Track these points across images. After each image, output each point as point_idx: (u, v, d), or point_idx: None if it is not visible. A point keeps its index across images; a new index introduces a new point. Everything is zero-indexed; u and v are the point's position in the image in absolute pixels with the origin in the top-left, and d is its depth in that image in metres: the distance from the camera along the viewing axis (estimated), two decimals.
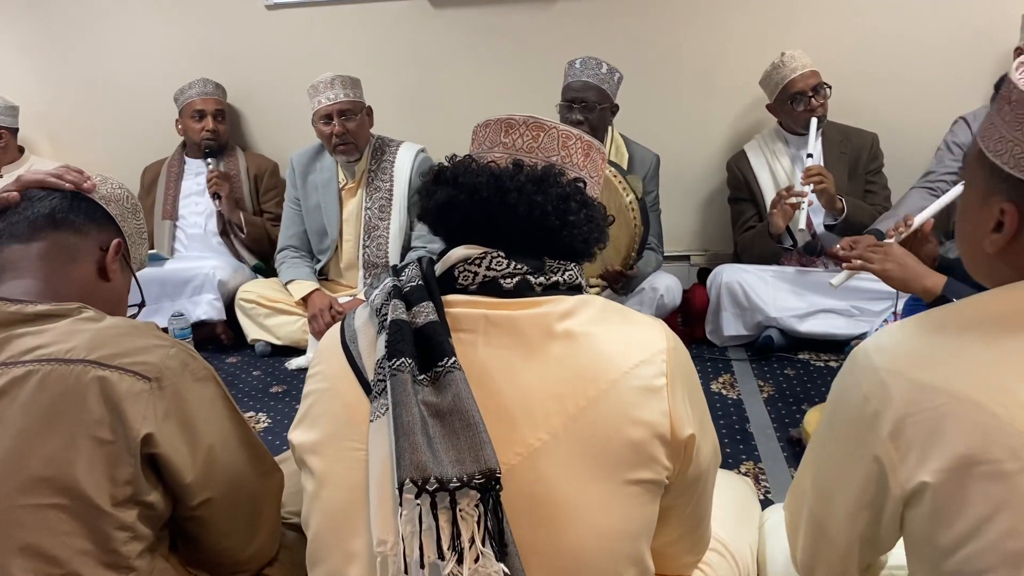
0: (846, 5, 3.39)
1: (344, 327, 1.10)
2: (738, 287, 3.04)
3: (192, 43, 3.89)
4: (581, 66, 3.05)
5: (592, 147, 1.13)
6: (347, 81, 3.21)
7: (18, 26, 3.99)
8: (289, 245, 3.42)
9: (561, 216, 1.04)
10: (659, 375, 0.96)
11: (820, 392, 2.67)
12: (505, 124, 1.11)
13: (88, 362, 1.05)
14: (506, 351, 0.97)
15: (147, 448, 1.06)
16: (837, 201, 3.02)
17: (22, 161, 3.84)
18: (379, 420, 0.95)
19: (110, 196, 1.34)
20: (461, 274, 1.03)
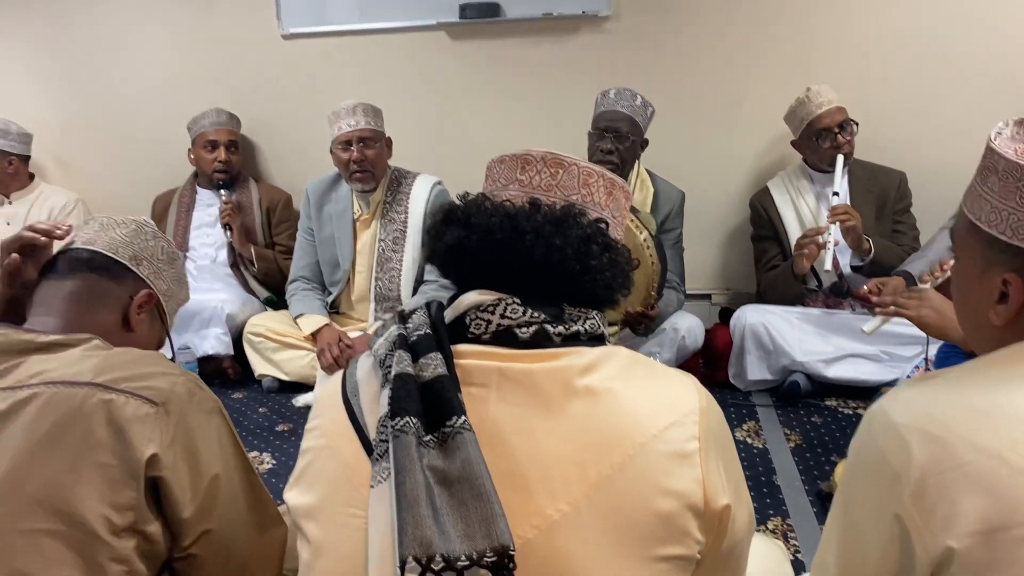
0: (872, 42, 3.32)
1: (345, 378, 1.01)
2: (763, 329, 2.94)
3: (207, 72, 3.86)
4: (616, 96, 2.98)
5: (615, 185, 1.05)
6: (369, 109, 3.16)
7: (33, 54, 3.99)
8: (301, 276, 3.35)
9: (582, 260, 0.95)
10: (691, 439, 0.87)
11: (850, 442, 2.55)
12: (522, 160, 1.03)
13: (94, 385, 1.04)
14: (521, 409, 0.88)
15: (151, 471, 1.02)
16: (864, 241, 2.93)
17: (32, 187, 3.82)
18: (380, 486, 0.85)
19: (142, 255, 1.32)
20: (473, 322, 0.94)
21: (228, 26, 3.79)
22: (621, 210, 1.07)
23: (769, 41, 3.40)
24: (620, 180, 1.07)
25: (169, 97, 3.87)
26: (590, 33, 3.53)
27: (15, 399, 1.03)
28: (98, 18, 3.89)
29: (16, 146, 3.71)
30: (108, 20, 3.88)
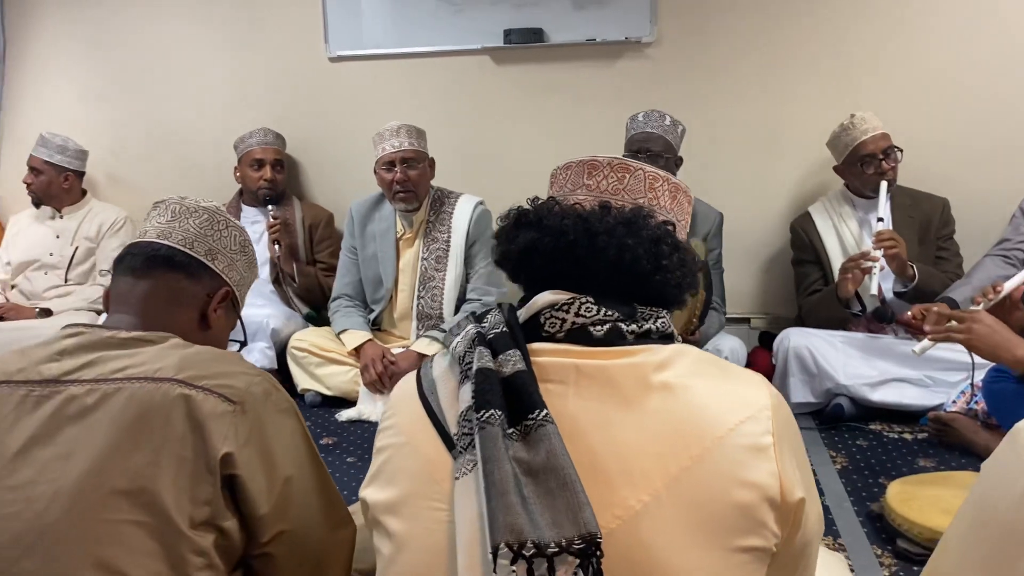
0: (915, 69, 3.35)
1: (421, 377, 1.03)
2: (806, 352, 2.93)
3: (255, 93, 3.94)
4: (644, 118, 3.03)
5: (679, 190, 1.09)
6: (412, 131, 3.21)
7: (91, 73, 4.10)
8: (344, 294, 3.39)
9: (654, 260, 0.98)
10: (766, 433, 0.88)
11: (896, 464, 2.54)
12: (588, 166, 1.07)
13: (175, 381, 1.06)
14: (599, 403, 0.90)
15: (226, 468, 1.04)
16: (908, 268, 2.93)
17: (83, 203, 3.90)
18: (466, 477, 0.87)
19: (216, 247, 1.33)
20: (547, 321, 0.97)
21: (277, 48, 3.88)
22: (685, 214, 1.10)
23: (812, 67, 3.44)
24: (684, 185, 1.11)
25: (218, 117, 3.95)
26: (632, 59, 3.59)
27: (102, 392, 1.05)
28: (151, 39, 4.00)
29: (72, 162, 3.80)
30: (161, 41, 3.99)
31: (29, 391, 1.07)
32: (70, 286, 3.73)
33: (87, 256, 3.79)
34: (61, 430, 1.04)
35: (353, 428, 2.99)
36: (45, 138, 3.75)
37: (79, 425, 1.04)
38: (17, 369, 1.09)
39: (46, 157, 3.73)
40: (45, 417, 1.05)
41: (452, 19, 3.70)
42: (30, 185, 3.77)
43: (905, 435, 2.77)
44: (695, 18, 3.51)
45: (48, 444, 1.03)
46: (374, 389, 3.09)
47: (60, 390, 1.06)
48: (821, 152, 3.32)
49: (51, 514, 0.99)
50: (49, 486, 1.01)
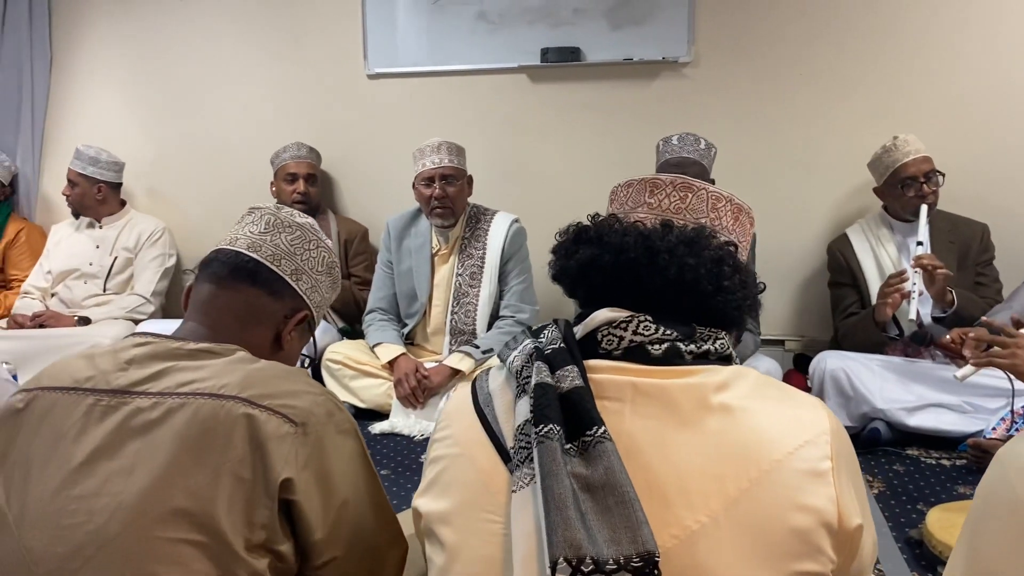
0: (956, 93, 3.34)
1: (476, 389, 1.03)
2: (843, 375, 2.91)
3: (294, 108, 4.00)
4: (679, 141, 3.03)
5: (742, 211, 1.09)
6: (453, 147, 3.25)
7: (131, 86, 4.19)
8: (378, 308, 3.42)
9: (715, 280, 0.97)
10: (824, 458, 0.87)
11: (935, 491, 2.51)
12: (650, 184, 1.08)
13: (239, 399, 1.04)
14: (656, 422, 0.90)
15: (285, 494, 1.03)
16: (947, 293, 2.90)
17: (122, 214, 3.95)
18: (523, 491, 0.88)
19: (303, 267, 1.31)
20: (605, 338, 0.97)
21: (317, 65, 3.94)
22: (747, 235, 1.10)
23: (851, 89, 3.43)
24: (747, 205, 1.10)
25: (257, 131, 4.01)
26: (669, 78, 3.60)
27: (167, 407, 1.05)
28: (193, 55, 4.08)
29: (105, 173, 3.86)
30: (203, 56, 4.07)
31: (97, 400, 1.07)
32: (108, 295, 3.79)
33: (126, 266, 3.85)
34: (125, 443, 1.04)
35: (386, 441, 3.01)
36: (80, 151, 3.82)
37: (143, 439, 1.03)
38: (86, 377, 1.09)
39: (80, 169, 3.80)
40: (111, 429, 1.04)
41: (489, 37, 3.74)
42: (68, 196, 3.84)
43: (943, 461, 2.74)
44: (732, 39, 3.52)
45: (112, 457, 1.03)
46: (407, 403, 3.11)
47: (127, 401, 1.06)
48: (859, 174, 3.31)
49: (111, 528, 0.99)
50: (111, 499, 1.00)
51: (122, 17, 4.13)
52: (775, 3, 3.47)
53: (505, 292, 3.31)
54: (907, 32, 3.36)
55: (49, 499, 1.02)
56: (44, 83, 4.25)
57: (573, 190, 3.71)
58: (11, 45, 4.16)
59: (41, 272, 3.86)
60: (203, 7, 4.04)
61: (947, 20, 3.32)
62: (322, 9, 3.90)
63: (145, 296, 3.78)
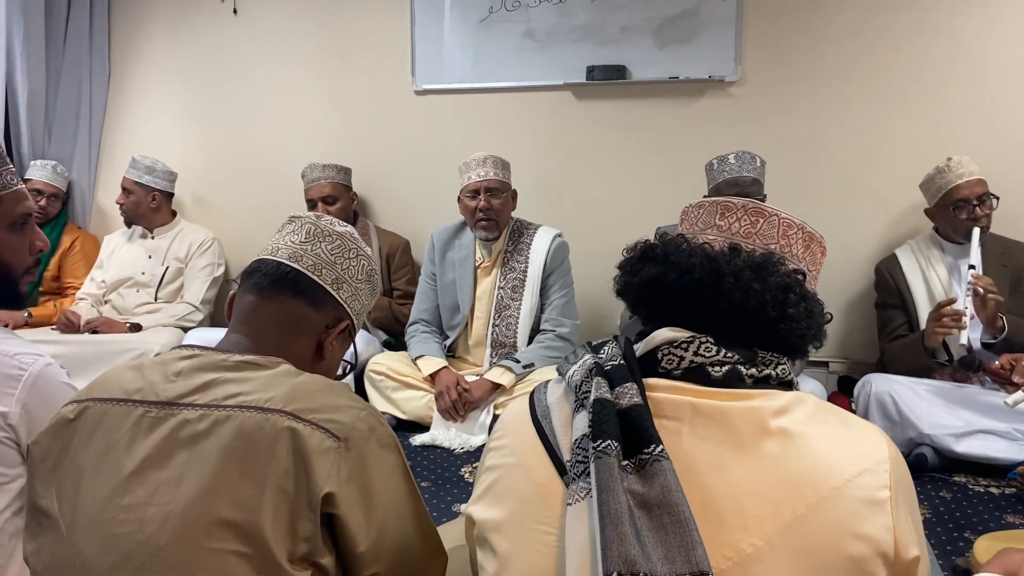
0: (1011, 115, 3.29)
1: (534, 401, 1.04)
2: (888, 399, 2.86)
3: (341, 121, 4.08)
4: (737, 161, 3.02)
5: (813, 239, 1.08)
6: (499, 162, 3.29)
7: (187, 100, 4.30)
8: (420, 319, 3.45)
9: (779, 308, 0.97)
10: (883, 487, 0.86)
11: (982, 519, 2.45)
12: (722, 207, 1.08)
13: (283, 413, 1.06)
14: (714, 444, 0.90)
15: (327, 507, 1.03)
16: (998, 319, 2.85)
17: (173, 224, 4.04)
18: (579, 504, 0.88)
19: (343, 276, 1.32)
20: (665, 357, 0.97)
21: (366, 80, 4.01)
22: (816, 264, 1.09)
23: (900, 108, 3.40)
24: (819, 234, 1.09)
25: (306, 144, 4.08)
26: (716, 97, 3.60)
27: (213, 419, 1.06)
28: (245, 69, 4.18)
29: (160, 182, 3.95)
30: (254, 70, 4.16)
31: (146, 411, 1.09)
32: (159, 303, 3.88)
33: (176, 275, 3.93)
34: (173, 454, 1.05)
35: (427, 453, 3.02)
36: (136, 160, 3.92)
37: (190, 451, 1.05)
38: (135, 388, 1.11)
39: (135, 178, 3.89)
40: (160, 440, 1.06)
41: (535, 55, 3.78)
42: (122, 205, 3.93)
43: (992, 489, 2.68)
44: (780, 57, 3.51)
45: (161, 467, 1.05)
46: (448, 416, 3.13)
47: (175, 413, 1.08)
48: (908, 194, 3.27)
49: (161, 538, 1.01)
50: (160, 509, 1.02)
51: (177, 33, 4.25)
52: (823, 22, 3.45)
53: (546, 306, 3.33)
54: (960, 52, 3.32)
55: (100, 507, 1.04)
56: (102, 97, 4.39)
57: (617, 208, 3.72)
58: (72, 59, 4.29)
59: (95, 281, 3.96)
60: (256, 24, 4.14)
61: (1002, 40, 3.27)
62: (372, 26, 3.98)
63: (194, 304, 3.85)
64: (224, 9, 4.16)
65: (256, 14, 4.14)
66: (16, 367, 1.38)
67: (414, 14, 3.90)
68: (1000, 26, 3.28)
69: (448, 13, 3.87)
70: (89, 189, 4.42)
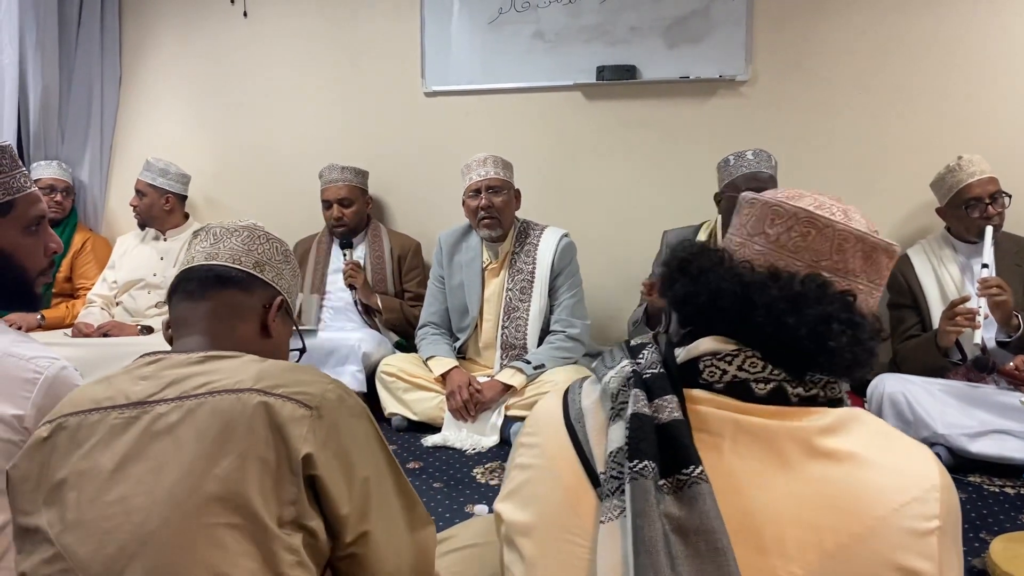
0: (1021, 112, 3.26)
1: (568, 402, 1.01)
2: (902, 398, 2.84)
3: (351, 123, 4.09)
4: (755, 157, 3.02)
5: (876, 248, 0.98)
6: (499, 161, 3.30)
7: (198, 102, 4.33)
8: (430, 322, 3.45)
9: (818, 340, 0.90)
10: (932, 517, 0.83)
11: (998, 520, 2.44)
12: (772, 211, 1.00)
13: (254, 390, 1.10)
14: (757, 463, 0.86)
15: (308, 469, 1.08)
16: (1013, 317, 2.83)
17: (186, 226, 4.06)
18: (611, 523, 0.86)
19: (262, 259, 1.38)
20: (707, 369, 0.92)
21: (375, 81, 4.02)
22: (881, 274, 1.01)
23: (911, 108, 3.39)
24: (884, 242, 0.99)
25: (316, 147, 4.09)
26: (726, 96, 3.59)
27: (186, 408, 1.10)
28: (255, 71, 4.19)
29: (174, 185, 3.97)
30: (264, 73, 4.18)
31: (119, 414, 1.12)
32: None
33: None
34: (151, 445, 1.09)
35: (438, 453, 3.02)
36: (150, 162, 3.94)
37: (167, 439, 1.08)
38: (105, 397, 1.14)
39: (149, 180, 3.91)
40: (136, 436, 1.09)
41: (545, 56, 3.77)
42: (136, 207, 3.95)
43: (1007, 489, 2.66)
44: (791, 57, 3.49)
45: (140, 460, 1.08)
46: (459, 416, 3.13)
47: (147, 410, 1.11)
48: (920, 194, 3.25)
49: (151, 523, 1.04)
50: (145, 498, 1.05)
51: (188, 35, 4.27)
52: (833, 21, 3.44)
53: (555, 307, 3.32)
54: (972, 49, 3.30)
55: (87, 508, 1.06)
56: (113, 99, 4.41)
57: (627, 207, 3.71)
58: (83, 63, 4.32)
59: (106, 282, 3.97)
60: (266, 26, 4.15)
61: (1014, 37, 3.25)
62: (382, 27, 3.98)
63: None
64: (234, 11, 4.17)
65: (266, 16, 4.15)
66: (32, 370, 1.40)
67: (424, 16, 3.90)
68: (1010, 24, 3.26)
69: (457, 14, 3.87)
70: (101, 191, 4.44)
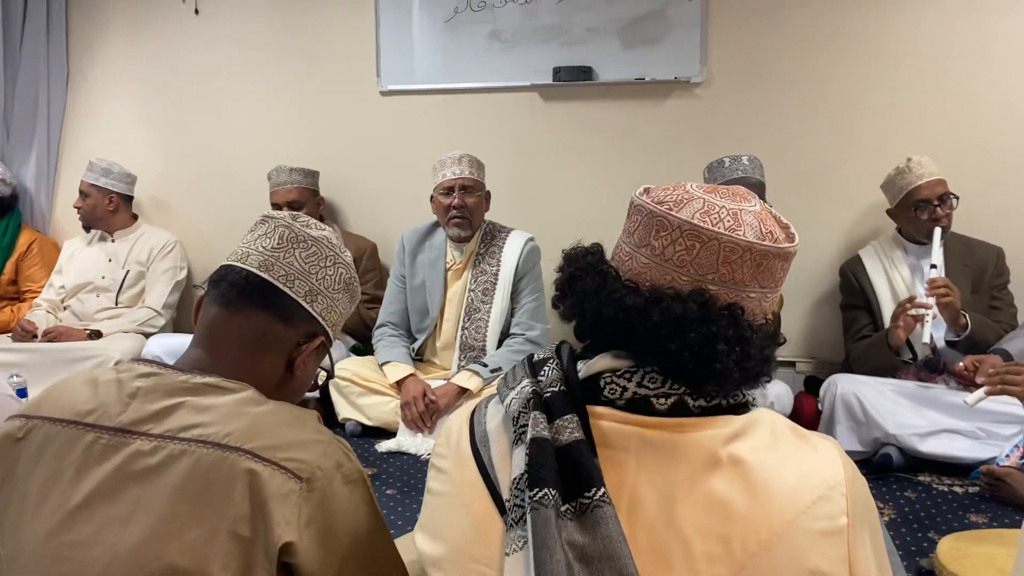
0: (970, 116, 3.32)
1: (474, 424, 0.98)
2: (854, 399, 2.88)
3: (306, 122, 4.03)
4: (751, 163, 3.09)
5: (768, 255, 0.91)
6: (474, 160, 3.29)
7: (148, 101, 4.23)
8: (388, 322, 3.41)
9: (702, 363, 0.87)
10: (840, 514, 0.83)
11: (946, 519, 2.47)
12: (657, 222, 0.92)
13: (243, 451, 0.99)
14: (662, 477, 0.85)
15: (285, 557, 0.98)
16: (961, 317, 2.87)
17: (134, 228, 3.98)
18: (516, 555, 0.84)
19: (319, 287, 1.21)
20: (608, 386, 0.91)
21: (330, 81, 3.96)
22: (774, 279, 0.94)
23: (864, 110, 3.42)
24: (776, 249, 0.92)
25: (269, 146, 4.02)
26: (681, 98, 3.59)
27: (167, 452, 1.00)
28: (207, 69, 4.11)
29: (118, 185, 3.88)
30: (216, 70, 4.10)
31: (97, 438, 1.03)
32: (120, 308, 3.80)
33: (138, 279, 3.86)
34: (124, 489, 1.00)
35: (392, 459, 2.99)
36: (93, 163, 3.85)
37: (142, 487, 0.99)
38: (87, 410, 1.05)
39: (92, 180, 3.83)
40: (109, 471, 1.00)
41: (502, 56, 3.75)
42: (79, 209, 3.86)
43: (956, 488, 2.70)
44: (745, 59, 3.51)
45: (110, 501, 0.99)
46: (414, 427, 3.09)
47: (128, 442, 1.02)
48: (872, 195, 3.29)
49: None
50: (107, 550, 0.97)
51: (138, 34, 4.17)
52: (787, 24, 3.46)
53: (516, 310, 3.31)
54: (922, 53, 3.35)
55: (44, 542, 0.99)
56: (60, 99, 4.29)
57: (584, 208, 3.71)
58: (29, 61, 4.20)
59: (53, 287, 3.88)
60: (217, 23, 4.07)
61: (963, 42, 3.30)
62: (336, 26, 3.93)
63: (156, 309, 3.79)
64: (185, 9, 4.08)
65: (218, 14, 4.07)
66: None
67: (379, 14, 3.85)
68: (959, 27, 3.30)
69: (415, 13, 3.83)
70: (48, 193, 4.33)
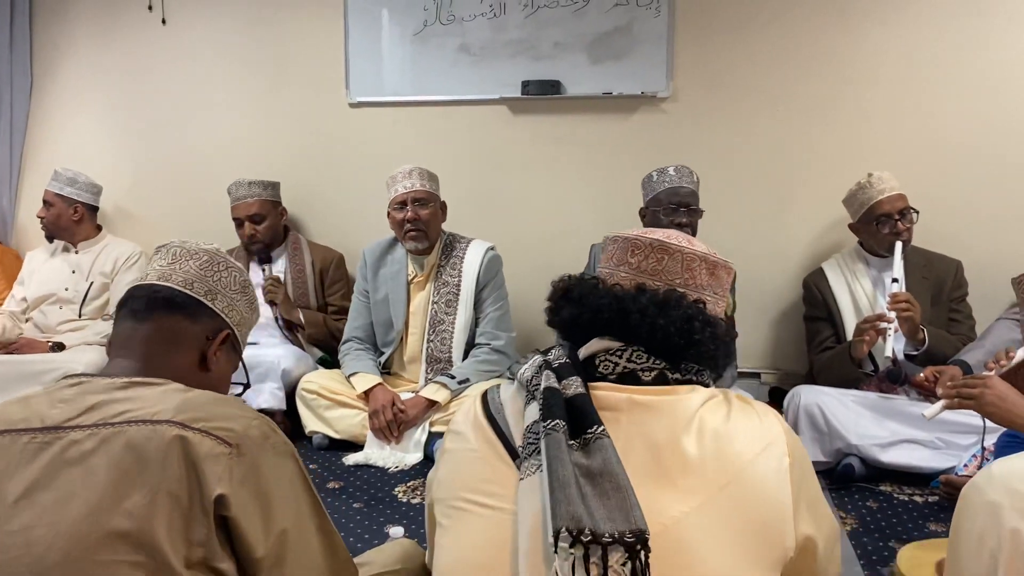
0: (930, 131, 3.39)
1: (487, 401, 1.18)
2: (817, 410, 2.91)
3: (273, 133, 4.02)
4: (677, 172, 3.11)
5: (717, 266, 1.22)
6: (424, 173, 3.27)
7: (110, 110, 4.19)
8: (354, 336, 3.40)
9: (685, 336, 1.12)
10: (783, 455, 1.05)
11: (907, 527, 2.51)
12: (632, 244, 1.21)
13: (172, 423, 1.07)
14: (648, 429, 1.05)
15: (220, 510, 1.04)
16: (919, 331, 2.93)
17: (98, 239, 3.92)
18: (530, 478, 1.01)
19: (216, 287, 1.35)
20: (602, 363, 1.14)
21: (298, 92, 3.96)
22: (723, 287, 1.24)
23: (828, 125, 3.48)
24: (723, 260, 1.23)
25: (235, 156, 4.01)
26: (648, 112, 3.64)
27: (101, 437, 1.06)
28: (173, 79, 4.08)
29: (82, 194, 3.83)
30: (182, 80, 4.08)
31: (31, 438, 1.08)
32: (84, 320, 3.75)
33: (102, 291, 3.81)
34: (61, 474, 1.05)
35: (360, 472, 2.97)
36: (58, 172, 3.81)
37: (78, 468, 1.05)
38: (20, 418, 1.10)
39: (56, 190, 3.78)
40: (46, 462, 1.06)
41: (471, 69, 3.77)
42: (43, 219, 3.81)
43: (916, 498, 2.74)
44: (711, 74, 3.56)
45: (48, 488, 1.04)
46: (382, 437, 3.08)
47: (61, 436, 1.07)
48: (835, 209, 3.34)
49: (51, 557, 1.00)
50: (48, 529, 1.01)
51: (103, 42, 4.13)
52: (753, 40, 3.51)
53: (481, 319, 3.31)
54: (884, 70, 3.41)
55: None
56: (24, 107, 4.24)
57: (553, 221, 3.73)
58: None
59: (15, 299, 3.82)
60: (185, 34, 4.05)
61: (924, 58, 3.37)
62: (305, 38, 3.92)
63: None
64: (152, 18, 4.06)
65: (185, 24, 4.05)
66: None
67: (348, 26, 3.86)
68: (920, 46, 3.37)
69: (385, 25, 3.84)
70: (10, 203, 4.27)
